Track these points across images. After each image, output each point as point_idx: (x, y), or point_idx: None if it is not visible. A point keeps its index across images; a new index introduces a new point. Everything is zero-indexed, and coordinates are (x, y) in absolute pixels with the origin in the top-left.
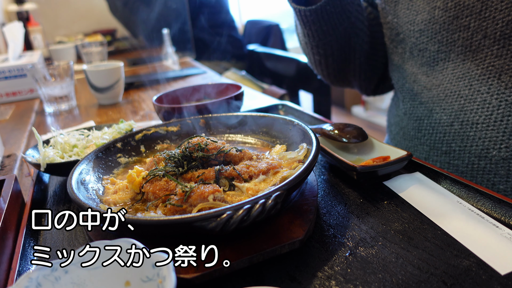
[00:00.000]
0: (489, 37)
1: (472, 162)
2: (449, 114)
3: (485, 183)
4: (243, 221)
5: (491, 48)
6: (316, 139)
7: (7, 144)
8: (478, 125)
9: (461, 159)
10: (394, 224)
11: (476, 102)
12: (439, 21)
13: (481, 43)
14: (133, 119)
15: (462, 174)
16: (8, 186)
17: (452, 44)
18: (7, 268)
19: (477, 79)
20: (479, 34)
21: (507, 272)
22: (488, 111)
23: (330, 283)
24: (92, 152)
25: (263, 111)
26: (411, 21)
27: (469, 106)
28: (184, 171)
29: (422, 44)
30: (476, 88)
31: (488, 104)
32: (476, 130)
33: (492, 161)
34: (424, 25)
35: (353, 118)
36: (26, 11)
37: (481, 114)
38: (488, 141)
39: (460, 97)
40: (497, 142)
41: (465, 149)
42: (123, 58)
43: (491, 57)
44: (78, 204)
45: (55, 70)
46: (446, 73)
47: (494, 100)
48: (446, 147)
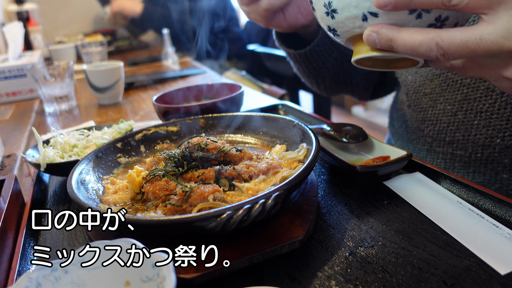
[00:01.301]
0: None
1: (476, 151)
2: (453, 104)
3: (489, 172)
4: (243, 221)
5: None
6: (316, 139)
7: (7, 144)
8: (482, 114)
9: (465, 148)
10: (394, 224)
11: (479, 91)
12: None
13: None
14: (133, 119)
15: (465, 164)
16: (8, 186)
17: None
18: (7, 268)
19: None
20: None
21: (507, 272)
22: (492, 99)
23: (330, 283)
24: (92, 152)
25: (263, 111)
26: None
27: (472, 95)
28: (184, 171)
29: None
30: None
31: (491, 92)
32: (480, 119)
33: (496, 149)
34: None
35: (353, 118)
36: (26, 11)
37: (484, 102)
38: (492, 129)
39: (463, 86)
40: (501, 130)
41: (468, 138)
42: (123, 58)
43: None
44: (78, 204)
45: (55, 70)
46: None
47: (497, 88)
48: (450, 137)
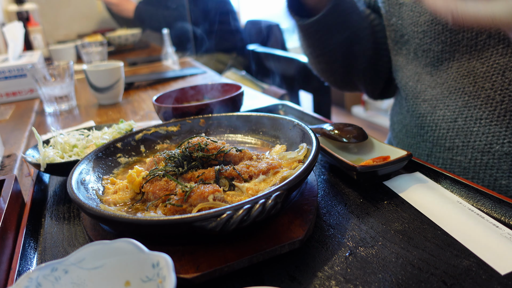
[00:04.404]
0: (493, 37)
1: (475, 157)
2: (453, 110)
3: (488, 178)
4: (243, 221)
5: (496, 47)
6: (316, 139)
7: (7, 144)
8: (481, 120)
9: (464, 154)
10: (394, 224)
11: (480, 98)
12: (441, 22)
13: (486, 42)
14: (133, 119)
15: (464, 169)
16: (8, 186)
17: (456, 44)
18: (7, 268)
19: (481, 76)
20: (484, 35)
21: (507, 272)
22: (492, 107)
23: (330, 283)
24: (92, 152)
25: (263, 111)
26: (415, 23)
27: (473, 102)
28: (184, 171)
29: (426, 45)
30: (480, 85)
31: (491, 100)
32: (479, 125)
33: (495, 156)
34: (427, 26)
35: (353, 118)
36: (26, 11)
37: (484, 110)
38: (492, 136)
39: (465, 94)
40: (500, 137)
41: (468, 145)
42: (123, 58)
43: (496, 56)
44: (78, 204)
45: (55, 70)
46: (450, 71)
47: (497, 96)
48: (449, 143)
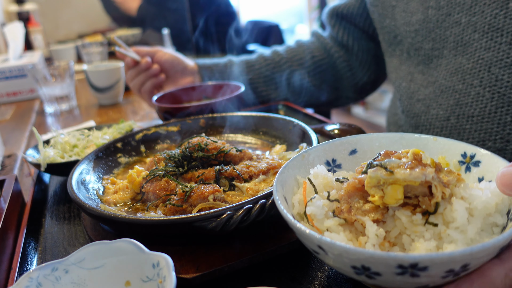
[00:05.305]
0: (478, 31)
1: None
2: (446, 109)
3: None
4: (243, 221)
5: (480, 42)
6: (316, 139)
7: (8, 144)
8: (473, 118)
9: None
10: None
11: (470, 96)
12: (433, 20)
13: (471, 37)
14: (133, 119)
15: None
16: (8, 186)
17: (444, 40)
18: (7, 267)
19: (468, 73)
20: (469, 29)
21: None
22: (482, 104)
23: (330, 283)
24: (92, 152)
25: (263, 111)
26: (407, 22)
27: (464, 100)
28: (184, 171)
29: (417, 44)
30: (469, 82)
31: (481, 97)
32: (472, 123)
33: None
34: (418, 25)
35: (353, 118)
36: (27, 11)
37: (475, 107)
38: (484, 133)
39: (455, 92)
40: (492, 133)
41: None
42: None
43: (480, 50)
44: (78, 204)
45: (56, 70)
46: (440, 69)
47: (487, 93)
48: None
